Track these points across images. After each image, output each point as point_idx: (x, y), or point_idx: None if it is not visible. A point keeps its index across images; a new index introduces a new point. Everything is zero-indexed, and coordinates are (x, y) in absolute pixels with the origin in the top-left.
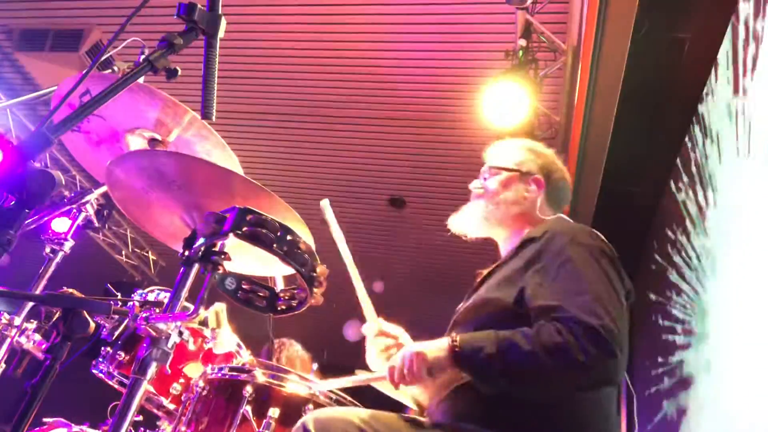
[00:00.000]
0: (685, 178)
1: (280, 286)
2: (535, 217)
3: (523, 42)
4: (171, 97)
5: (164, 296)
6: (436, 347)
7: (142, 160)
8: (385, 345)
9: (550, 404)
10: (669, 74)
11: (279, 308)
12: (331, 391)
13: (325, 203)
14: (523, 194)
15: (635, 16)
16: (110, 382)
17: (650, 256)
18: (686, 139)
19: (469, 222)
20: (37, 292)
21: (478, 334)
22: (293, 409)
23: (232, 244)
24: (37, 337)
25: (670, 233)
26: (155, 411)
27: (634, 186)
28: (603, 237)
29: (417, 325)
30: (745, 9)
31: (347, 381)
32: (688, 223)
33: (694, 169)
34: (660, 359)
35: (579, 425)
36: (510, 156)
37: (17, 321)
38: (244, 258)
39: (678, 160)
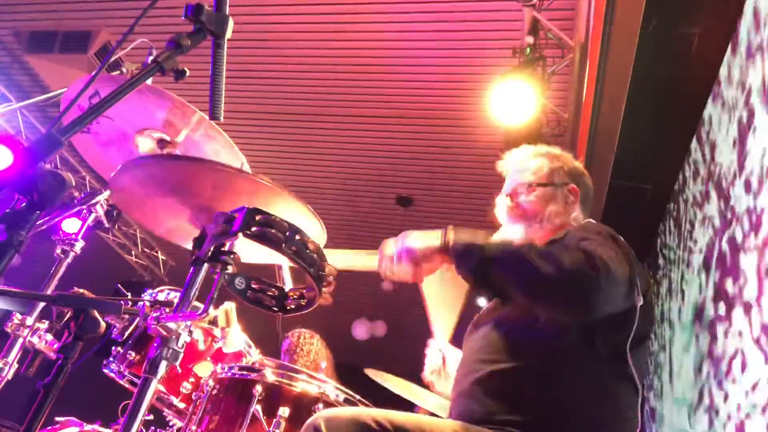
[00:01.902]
0: (695, 175)
1: (288, 284)
2: (568, 224)
3: (530, 39)
4: (179, 97)
5: (174, 296)
6: (428, 244)
7: (147, 167)
8: (437, 365)
9: (567, 406)
10: (677, 70)
11: (288, 308)
12: (340, 390)
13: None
14: (564, 206)
15: (643, 12)
16: (121, 382)
17: (659, 253)
18: (695, 135)
19: (505, 236)
20: (49, 292)
21: (475, 235)
22: (303, 408)
23: (241, 242)
24: (49, 337)
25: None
26: (166, 410)
27: (642, 183)
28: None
29: (426, 324)
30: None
31: (337, 256)
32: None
33: (702, 165)
34: None
35: (595, 426)
36: (537, 168)
37: (29, 321)
38: (254, 248)
39: (687, 157)
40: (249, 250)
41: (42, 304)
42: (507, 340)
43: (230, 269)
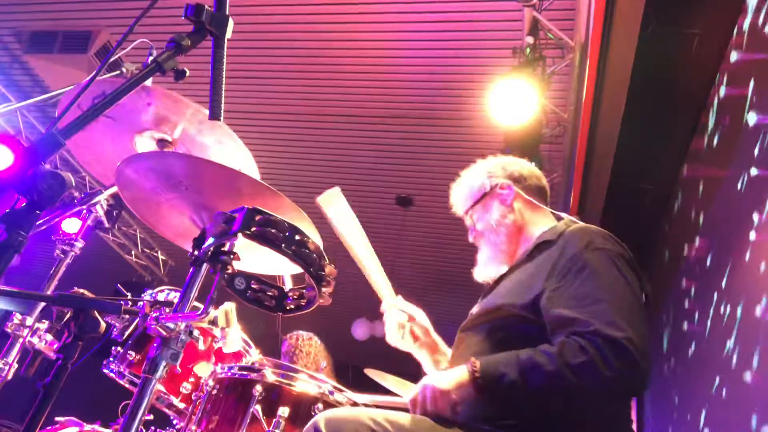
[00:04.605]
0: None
1: (288, 285)
2: (533, 215)
3: (530, 39)
4: (171, 92)
5: (174, 296)
6: (458, 381)
7: (150, 162)
8: (400, 321)
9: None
10: (678, 70)
11: (288, 308)
12: (340, 390)
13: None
14: (504, 203)
15: (642, 13)
16: (121, 382)
17: (660, 252)
18: (695, 135)
19: (489, 263)
20: (49, 292)
21: (499, 359)
22: (303, 408)
23: (241, 244)
24: (49, 337)
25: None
26: (166, 410)
27: (642, 183)
28: (617, 239)
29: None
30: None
31: (368, 399)
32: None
33: (703, 165)
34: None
35: (590, 421)
36: (468, 193)
37: (29, 321)
38: (254, 257)
39: (687, 156)
40: (251, 261)
41: (42, 305)
42: (502, 346)
43: (230, 269)
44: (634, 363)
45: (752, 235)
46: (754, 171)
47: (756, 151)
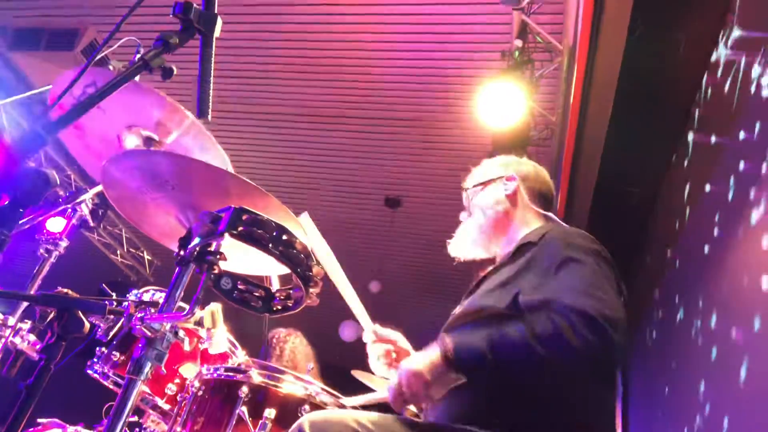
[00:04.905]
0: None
1: (275, 285)
2: (526, 215)
3: (519, 42)
4: (170, 97)
5: (159, 296)
6: (431, 360)
7: (137, 160)
8: (384, 350)
9: (549, 405)
10: (664, 74)
11: (275, 308)
12: (327, 391)
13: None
14: (503, 192)
15: (630, 17)
16: (105, 383)
17: (645, 256)
18: (682, 138)
19: (465, 240)
20: (32, 292)
21: (471, 334)
22: (289, 409)
23: (228, 244)
24: (32, 337)
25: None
26: (150, 411)
27: (629, 186)
28: (597, 241)
29: (413, 325)
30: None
31: (354, 400)
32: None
33: (689, 167)
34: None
35: (577, 424)
36: (476, 176)
37: (12, 321)
38: (241, 257)
39: (673, 160)
40: (237, 262)
41: (25, 304)
42: None
43: (216, 269)
44: (605, 335)
45: (737, 240)
46: (739, 177)
47: (741, 157)
